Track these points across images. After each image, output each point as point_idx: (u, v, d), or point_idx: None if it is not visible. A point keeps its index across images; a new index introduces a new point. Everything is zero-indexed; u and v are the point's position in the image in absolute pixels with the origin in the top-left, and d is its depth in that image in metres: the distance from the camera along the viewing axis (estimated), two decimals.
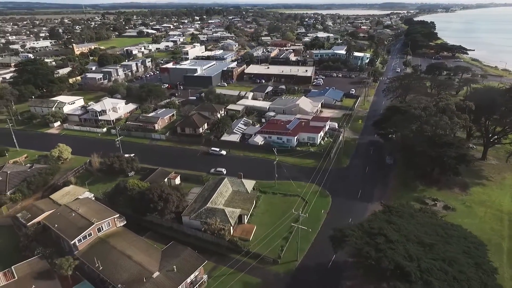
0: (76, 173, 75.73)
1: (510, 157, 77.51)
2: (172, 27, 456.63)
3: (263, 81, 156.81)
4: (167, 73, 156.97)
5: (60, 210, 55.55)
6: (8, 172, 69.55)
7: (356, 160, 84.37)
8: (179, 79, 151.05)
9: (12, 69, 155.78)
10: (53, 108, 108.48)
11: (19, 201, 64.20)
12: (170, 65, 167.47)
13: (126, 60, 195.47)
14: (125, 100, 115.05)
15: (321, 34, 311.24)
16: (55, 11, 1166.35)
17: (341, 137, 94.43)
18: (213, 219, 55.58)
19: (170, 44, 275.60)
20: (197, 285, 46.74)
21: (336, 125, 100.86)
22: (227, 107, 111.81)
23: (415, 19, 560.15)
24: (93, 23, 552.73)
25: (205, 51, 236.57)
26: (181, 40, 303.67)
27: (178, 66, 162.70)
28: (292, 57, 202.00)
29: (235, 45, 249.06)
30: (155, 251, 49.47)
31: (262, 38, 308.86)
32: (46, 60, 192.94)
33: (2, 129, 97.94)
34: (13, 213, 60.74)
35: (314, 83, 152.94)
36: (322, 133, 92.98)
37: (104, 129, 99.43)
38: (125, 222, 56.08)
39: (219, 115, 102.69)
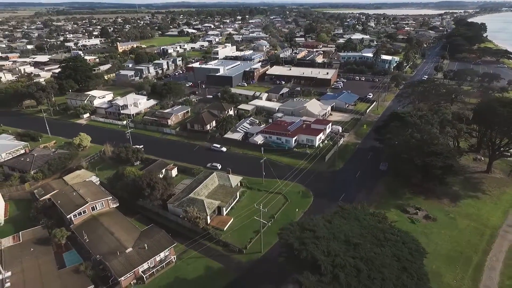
0: (91, 159, 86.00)
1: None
2: (212, 26, 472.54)
3: (283, 82, 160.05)
4: (192, 72, 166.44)
5: (65, 189, 64.91)
6: (35, 154, 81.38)
7: (350, 164, 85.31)
8: (203, 78, 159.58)
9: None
10: (85, 101, 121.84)
11: (40, 179, 75.08)
12: (196, 65, 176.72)
13: (160, 59, 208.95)
14: (146, 96, 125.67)
15: (356, 36, 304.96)
16: (112, 11, 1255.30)
17: (341, 141, 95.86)
18: (192, 208, 61.36)
19: (205, 43, 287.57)
20: (165, 263, 52.73)
21: (340, 128, 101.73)
22: (238, 107, 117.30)
23: (472, 19, 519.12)
24: (142, 22, 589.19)
25: (236, 51, 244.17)
26: (217, 40, 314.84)
27: (202, 66, 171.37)
28: (319, 59, 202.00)
29: (266, 46, 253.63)
30: (135, 231, 56.38)
31: (296, 39, 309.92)
32: (91, 57, 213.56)
33: (41, 118, 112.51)
34: (33, 189, 71.53)
35: (333, 86, 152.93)
36: (322, 136, 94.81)
37: (124, 122, 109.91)
38: (118, 204, 64.04)
39: (227, 114, 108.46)
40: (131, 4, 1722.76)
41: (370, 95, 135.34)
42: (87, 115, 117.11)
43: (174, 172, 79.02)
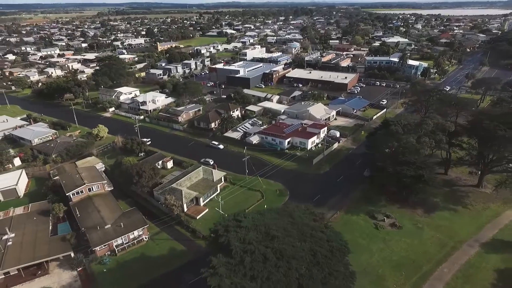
0: (104, 148, 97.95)
1: (499, 187, 71.26)
2: (252, 27, 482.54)
3: (300, 85, 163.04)
4: (215, 73, 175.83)
5: (71, 171, 76.27)
6: (58, 141, 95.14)
7: (336, 169, 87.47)
8: (224, 79, 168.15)
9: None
10: (112, 97, 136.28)
11: (58, 162, 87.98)
12: (219, 66, 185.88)
13: (191, 59, 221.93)
14: (165, 94, 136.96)
15: (393, 39, 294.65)
16: (165, 11, 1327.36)
17: (335, 145, 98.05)
18: (170, 196, 69.09)
19: (239, 45, 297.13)
20: (136, 241, 60.98)
21: (338, 133, 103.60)
22: (246, 107, 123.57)
23: None
24: (188, 22, 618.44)
25: (266, 53, 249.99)
26: (251, 41, 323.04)
27: (225, 67, 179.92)
28: (344, 63, 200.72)
29: (295, 48, 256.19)
30: (118, 211, 65.46)
31: (330, 41, 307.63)
32: (130, 56, 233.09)
33: (74, 109, 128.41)
34: (51, 170, 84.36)
35: (349, 91, 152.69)
36: (316, 140, 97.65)
37: (141, 117, 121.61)
38: (112, 188, 74.00)
39: (233, 114, 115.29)
40: (185, 4, 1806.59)
41: (383, 102, 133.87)
42: (112, 109, 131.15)
43: (170, 164, 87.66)
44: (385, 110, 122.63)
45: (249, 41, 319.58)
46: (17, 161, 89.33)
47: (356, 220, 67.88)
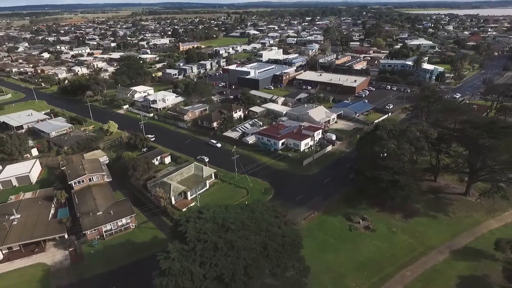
0: (112, 143, 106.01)
1: (482, 196, 70.66)
2: (276, 28, 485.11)
3: (309, 87, 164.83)
4: (227, 73, 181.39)
5: (76, 162, 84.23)
6: (71, 134, 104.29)
7: (325, 171, 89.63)
8: (235, 80, 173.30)
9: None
10: (128, 95, 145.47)
11: (69, 154, 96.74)
12: (232, 67, 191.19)
13: (209, 59, 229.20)
14: (175, 94, 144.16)
15: (416, 41, 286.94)
16: (195, 11, 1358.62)
17: (329, 148, 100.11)
18: (159, 189, 74.88)
19: (258, 46, 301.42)
20: (123, 227, 67.19)
21: (333, 136, 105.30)
22: (249, 108, 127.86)
23: None
24: (214, 22, 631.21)
25: (283, 54, 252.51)
26: (271, 42, 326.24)
27: (237, 68, 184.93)
28: (359, 66, 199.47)
29: (312, 50, 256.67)
30: (111, 200, 72.14)
31: (351, 43, 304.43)
32: (152, 55, 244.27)
33: (93, 105, 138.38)
34: (61, 161, 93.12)
35: (357, 94, 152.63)
36: (309, 142, 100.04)
37: (151, 114, 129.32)
38: (110, 179, 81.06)
39: (235, 114, 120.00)
40: (217, 4, 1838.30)
41: (389, 106, 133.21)
42: (126, 106, 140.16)
43: (168, 160, 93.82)
44: (387, 114, 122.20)
45: (268, 42, 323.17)
46: (34, 152, 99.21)
47: (332, 221, 70.27)
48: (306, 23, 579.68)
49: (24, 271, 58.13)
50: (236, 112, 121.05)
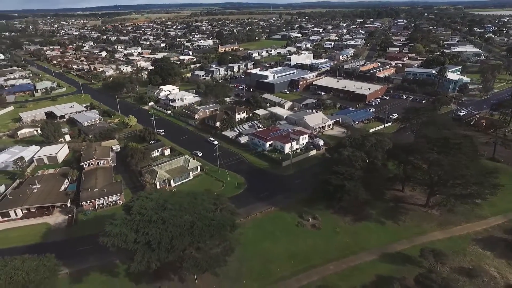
0: (128, 134, 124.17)
1: (435, 208, 73.22)
2: (321, 31, 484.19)
3: (323, 93, 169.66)
4: (249, 76, 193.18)
5: (91, 148, 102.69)
6: (97, 125, 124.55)
7: (301, 173, 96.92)
8: (255, 83, 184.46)
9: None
10: (155, 93, 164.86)
11: (92, 141, 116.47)
12: (255, 70, 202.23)
13: (240, 62, 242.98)
14: (193, 94, 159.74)
15: (466, 48, 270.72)
16: (250, 11, 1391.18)
17: (313, 152, 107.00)
18: (147, 175, 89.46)
19: (293, 49, 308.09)
20: (113, 203, 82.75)
21: (321, 142, 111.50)
22: (254, 111, 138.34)
23: None
24: (263, 24, 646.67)
25: (314, 59, 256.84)
26: (307, 46, 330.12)
27: (257, 72, 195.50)
28: (382, 73, 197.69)
29: (343, 55, 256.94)
30: (109, 181, 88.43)
31: (390, 48, 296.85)
32: (189, 57, 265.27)
33: (125, 101, 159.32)
34: (83, 146, 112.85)
35: (367, 102, 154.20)
36: (295, 145, 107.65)
37: (169, 112, 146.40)
38: (115, 164, 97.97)
39: (239, 115, 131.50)
40: (271, 5, 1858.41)
41: (393, 116, 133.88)
42: (151, 103, 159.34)
43: (167, 152, 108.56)
44: (384, 124, 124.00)
45: (305, 46, 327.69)
46: (67, 137, 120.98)
47: (285, 216, 78.45)
48: (355, 26, 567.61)
49: (33, 227, 76.26)
50: (239, 113, 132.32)
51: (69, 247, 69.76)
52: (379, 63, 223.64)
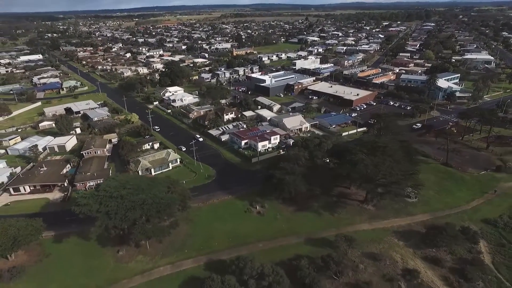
0: (129, 130, 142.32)
1: (364, 203, 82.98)
2: (340, 35, 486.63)
3: (315, 98, 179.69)
4: (249, 80, 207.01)
5: (92, 139, 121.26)
6: (103, 120, 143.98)
7: (266, 168, 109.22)
8: (253, 86, 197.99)
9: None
10: (160, 93, 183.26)
11: (97, 134, 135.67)
12: (255, 75, 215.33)
13: (248, 65, 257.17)
14: (193, 95, 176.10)
15: (475, 55, 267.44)
16: (278, 12, 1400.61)
17: (281, 151, 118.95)
18: (133, 164, 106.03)
19: (304, 54, 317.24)
20: None
21: (291, 142, 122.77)
22: (242, 112, 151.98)
23: None
24: (286, 26, 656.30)
25: (320, 64, 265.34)
26: (319, 50, 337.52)
27: (257, 76, 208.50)
28: (379, 80, 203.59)
29: (349, 61, 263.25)
30: (101, 167, 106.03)
31: (400, 54, 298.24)
32: (202, 60, 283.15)
33: (133, 100, 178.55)
34: (87, 138, 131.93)
35: (353, 108, 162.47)
36: (267, 144, 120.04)
37: (169, 111, 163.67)
38: (109, 154, 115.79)
39: (226, 116, 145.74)
40: (300, 6, 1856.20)
41: (371, 121, 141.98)
42: (156, 103, 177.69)
43: (156, 146, 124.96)
44: (356, 129, 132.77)
45: (316, 50, 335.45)
46: (78, 130, 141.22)
47: (238, 204, 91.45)
48: (378, 29, 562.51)
49: (36, 200, 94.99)
50: (228, 114, 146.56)
51: (60, 216, 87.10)
52: (380, 69, 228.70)
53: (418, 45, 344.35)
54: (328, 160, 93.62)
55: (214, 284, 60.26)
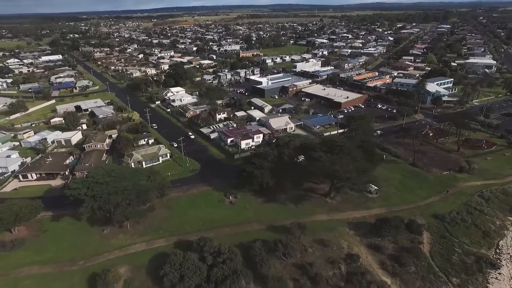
0: (130, 127, 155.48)
1: (327, 196, 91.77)
2: (350, 37, 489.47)
3: (307, 99, 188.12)
4: (248, 82, 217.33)
5: (93, 134, 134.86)
6: (107, 117, 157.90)
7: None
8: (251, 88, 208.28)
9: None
10: (163, 94, 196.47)
11: (101, 130, 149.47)
12: (253, 77, 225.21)
13: (251, 67, 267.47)
14: (193, 95, 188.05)
15: (477, 60, 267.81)
16: (295, 13, 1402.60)
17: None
18: (127, 157, 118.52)
19: (309, 56, 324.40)
20: None
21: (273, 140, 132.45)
22: (235, 112, 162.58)
23: None
24: (299, 28, 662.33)
25: (321, 67, 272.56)
26: (324, 53, 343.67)
27: (255, 78, 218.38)
28: (373, 83, 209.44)
29: (350, 64, 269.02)
30: (99, 159, 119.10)
31: (403, 57, 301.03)
32: (208, 61, 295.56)
33: (137, 99, 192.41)
34: (90, 133, 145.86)
35: (341, 110, 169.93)
36: (250, 142, 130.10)
37: (168, 110, 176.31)
38: (108, 148, 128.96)
39: (219, 116, 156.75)
40: (316, 7, 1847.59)
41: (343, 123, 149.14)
42: (158, 102, 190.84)
43: (151, 141, 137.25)
44: (337, 131, 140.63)
45: (321, 53, 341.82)
46: (84, 126, 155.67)
47: (214, 194, 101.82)
48: (390, 31, 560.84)
49: (41, 186, 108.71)
50: (220, 114, 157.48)
51: (59, 200, 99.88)
52: (376, 73, 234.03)
53: (424, 48, 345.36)
54: (296, 157, 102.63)
55: (177, 258, 70.92)
